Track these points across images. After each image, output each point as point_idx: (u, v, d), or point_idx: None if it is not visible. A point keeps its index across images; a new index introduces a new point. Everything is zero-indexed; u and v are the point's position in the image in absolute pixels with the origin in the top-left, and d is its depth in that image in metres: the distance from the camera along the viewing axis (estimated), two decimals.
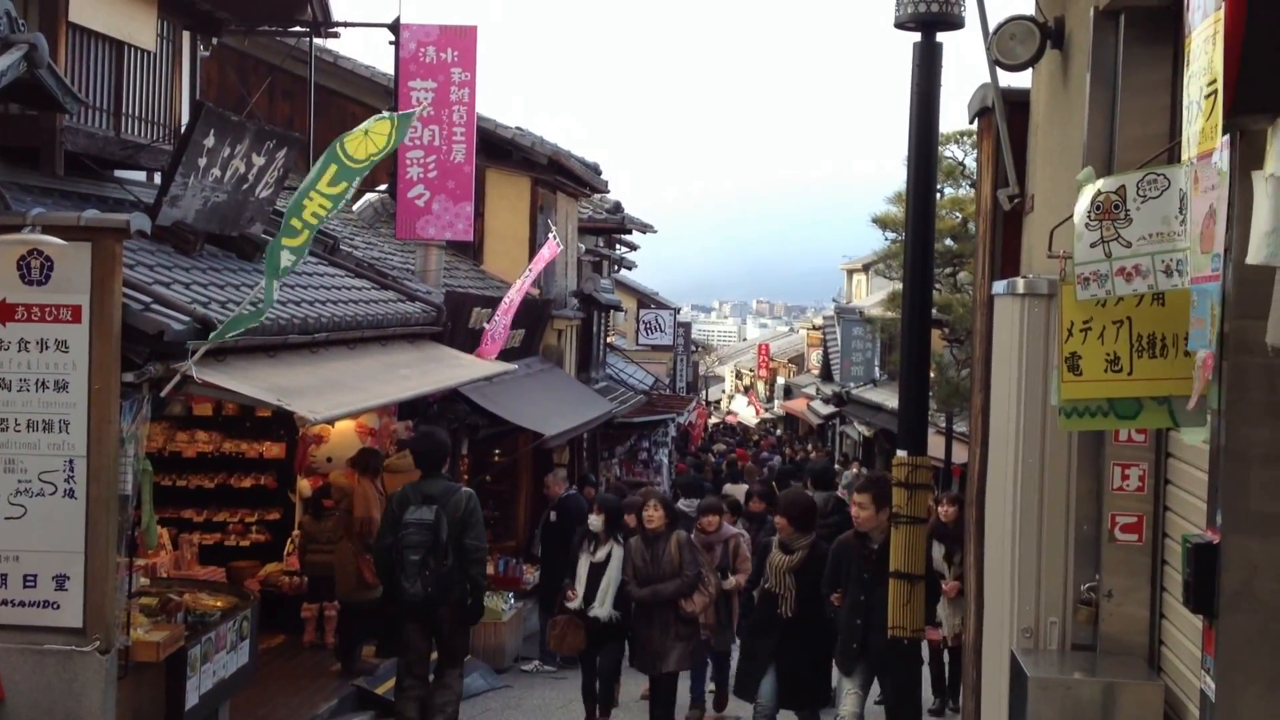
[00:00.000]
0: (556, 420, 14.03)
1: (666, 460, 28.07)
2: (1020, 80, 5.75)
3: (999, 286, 5.20)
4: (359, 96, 15.52)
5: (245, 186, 8.77)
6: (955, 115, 21.67)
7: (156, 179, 9.16)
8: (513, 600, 11.70)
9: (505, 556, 12.83)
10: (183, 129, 8.65)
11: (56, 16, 8.08)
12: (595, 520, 8.70)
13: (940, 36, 6.18)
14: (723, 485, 17.28)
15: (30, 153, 7.97)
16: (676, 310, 37.67)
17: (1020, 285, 4.89)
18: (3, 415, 6.03)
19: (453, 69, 11.83)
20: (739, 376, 64.56)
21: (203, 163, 8.02)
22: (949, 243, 17.28)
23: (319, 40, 12.59)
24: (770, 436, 41.72)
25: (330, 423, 8.91)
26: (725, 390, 65.87)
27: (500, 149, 15.62)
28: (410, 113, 7.46)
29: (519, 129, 16.20)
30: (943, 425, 16.73)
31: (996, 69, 5.37)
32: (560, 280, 17.96)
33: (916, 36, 6.18)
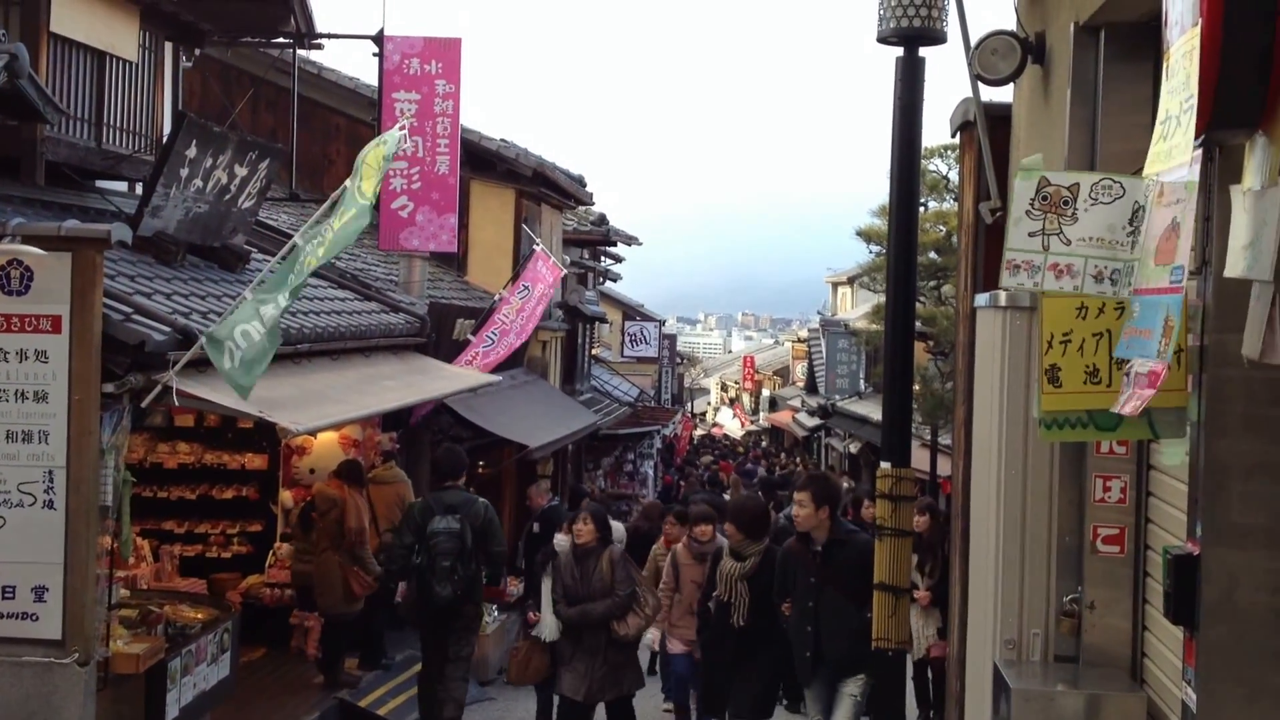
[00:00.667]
0: (541, 432, 14.02)
1: (652, 472, 28.06)
2: (1002, 95, 5.77)
3: (981, 299, 5.22)
4: (343, 108, 15.50)
5: (227, 197, 8.75)
6: (938, 129, 21.71)
7: (138, 189, 9.14)
8: (496, 612, 11.66)
9: None
10: (165, 139, 8.63)
11: (38, 26, 8.07)
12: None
13: (922, 51, 6.20)
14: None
15: (11, 163, 7.95)
16: (662, 322, 37.70)
17: (1002, 298, 4.90)
18: None
19: (437, 81, 11.83)
20: (725, 389, 64.66)
21: (185, 173, 7.99)
22: (933, 256, 17.33)
23: (303, 51, 12.58)
24: (757, 449, 41.76)
25: (313, 434, 8.88)
26: (711, 403, 65.93)
27: (485, 160, 15.56)
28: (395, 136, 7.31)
29: (504, 140, 16.17)
30: (928, 438, 16.76)
31: (978, 84, 5.40)
32: None
33: (899, 51, 6.21)
